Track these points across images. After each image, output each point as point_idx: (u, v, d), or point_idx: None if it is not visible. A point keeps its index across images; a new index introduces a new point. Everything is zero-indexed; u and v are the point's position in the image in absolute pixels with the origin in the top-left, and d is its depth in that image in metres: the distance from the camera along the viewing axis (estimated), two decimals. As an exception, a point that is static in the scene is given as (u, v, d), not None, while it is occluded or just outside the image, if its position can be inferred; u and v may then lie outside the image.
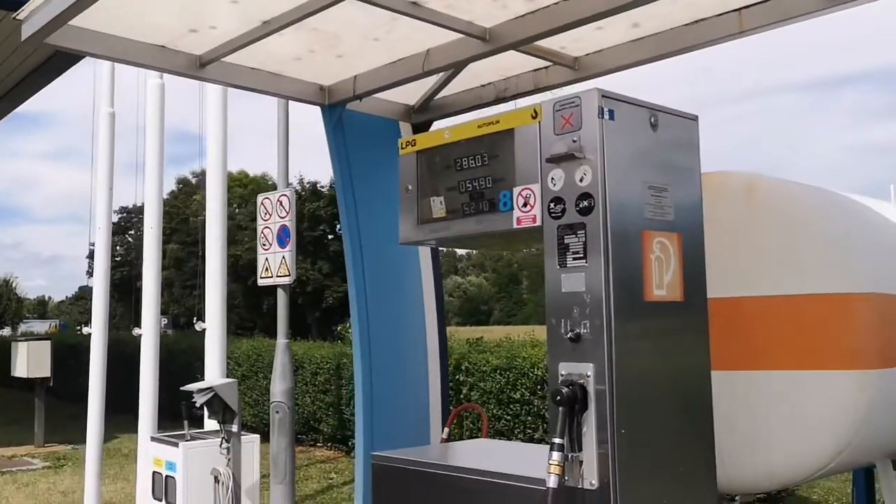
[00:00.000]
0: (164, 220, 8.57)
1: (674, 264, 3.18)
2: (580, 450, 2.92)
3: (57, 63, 11.02)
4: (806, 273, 3.88)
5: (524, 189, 3.20)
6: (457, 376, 9.88)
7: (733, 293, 4.00)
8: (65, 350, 18.04)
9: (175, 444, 5.90)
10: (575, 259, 3.00)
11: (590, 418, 2.91)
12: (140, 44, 4.57)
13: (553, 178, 3.09)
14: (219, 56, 4.71)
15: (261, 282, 7.51)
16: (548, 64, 4.99)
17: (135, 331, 8.14)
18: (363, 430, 5.32)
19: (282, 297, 7.67)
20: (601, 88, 3.03)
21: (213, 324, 7.72)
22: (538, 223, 3.15)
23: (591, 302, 2.94)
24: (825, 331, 3.81)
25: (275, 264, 7.35)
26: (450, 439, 5.41)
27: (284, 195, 7.36)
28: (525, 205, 3.19)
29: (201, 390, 5.50)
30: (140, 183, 9.00)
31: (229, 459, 5.57)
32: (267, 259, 7.42)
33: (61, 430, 14.19)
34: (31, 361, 13.81)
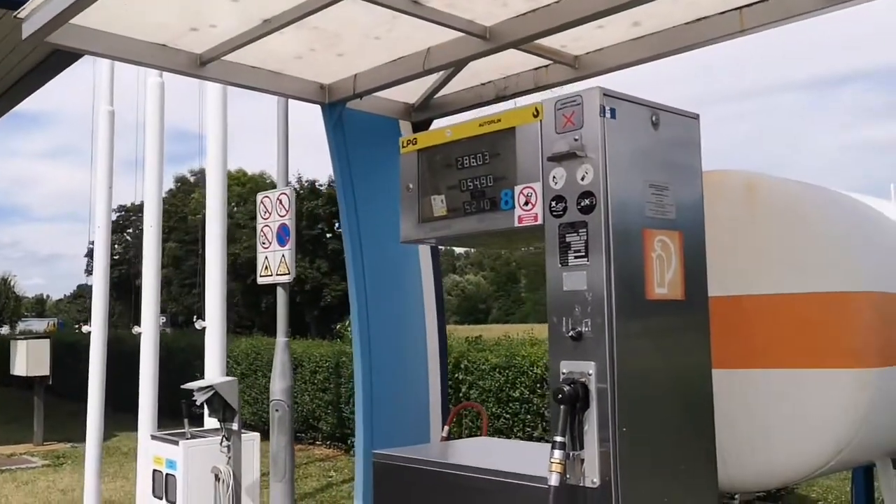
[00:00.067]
0: (162, 218, 8.56)
1: (675, 263, 3.18)
2: (581, 448, 2.92)
3: (56, 61, 11.00)
4: (806, 272, 3.88)
5: (526, 187, 3.20)
6: (456, 375, 9.88)
7: (733, 292, 4.00)
8: (63, 348, 18.03)
9: (175, 443, 5.91)
10: (576, 257, 3.00)
11: (591, 416, 2.91)
12: (140, 42, 4.57)
13: (554, 177, 3.10)
14: (219, 55, 4.71)
15: (260, 280, 7.52)
16: (548, 62, 4.99)
17: (134, 329, 8.14)
18: (363, 428, 5.32)
19: (281, 295, 7.68)
20: (603, 87, 3.04)
21: (213, 322, 7.72)
22: (540, 221, 3.15)
23: (593, 300, 2.95)
24: (825, 329, 3.82)
25: (274, 263, 7.36)
26: (449, 438, 5.42)
27: (284, 194, 7.37)
28: (526, 203, 3.19)
29: (202, 388, 5.50)
30: (139, 181, 9.02)
31: (230, 457, 5.58)
32: (266, 257, 7.42)
33: (60, 429, 14.19)
34: (31, 360, 13.80)
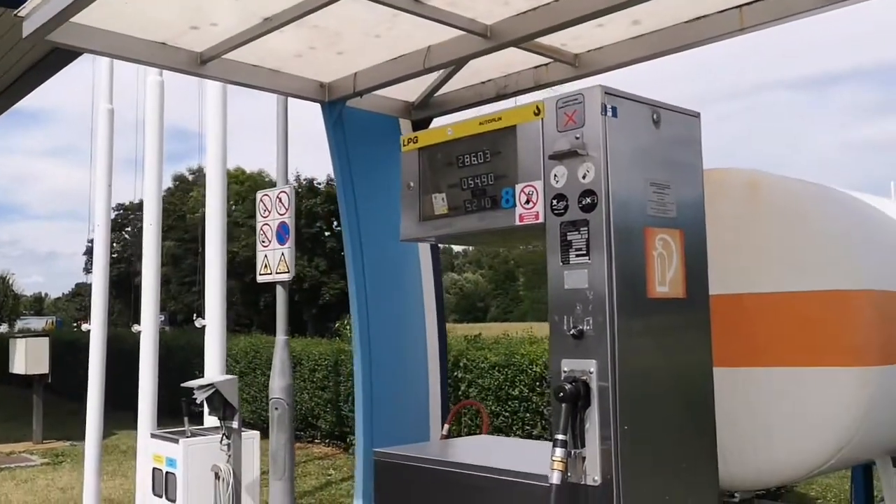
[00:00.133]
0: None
1: (676, 261, 3.19)
2: (583, 446, 2.93)
3: (55, 60, 11.00)
4: (807, 270, 3.88)
5: (527, 186, 3.20)
6: (455, 373, 9.88)
7: (735, 290, 4.00)
8: (62, 347, 18.02)
9: (175, 441, 5.92)
10: (578, 256, 3.00)
11: (592, 415, 2.92)
12: (141, 41, 4.57)
13: (556, 175, 3.10)
14: (219, 53, 4.71)
15: (260, 279, 7.51)
16: (548, 61, 4.99)
17: (134, 327, 8.13)
18: (363, 426, 5.32)
19: (281, 293, 7.67)
20: (604, 85, 3.04)
21: (212, 320, 7.71)
22: (541, 220, 3.15)
23: (594, 298, 2.95)
24: (826, 328, 3.82)
25: (274, 261, 7.35)
26: (449, 436, 5.42)
27: (284, 192, 7.36)
28: (528, 202, 3.19)
29: (202, 387, 5.50)
30: (138, 180, 9.00)
31: (230, 456, 5.58)
32: (266, 256, 7.41)
33: (59, 427, 14.19)
34: (30, 358, 13.79)
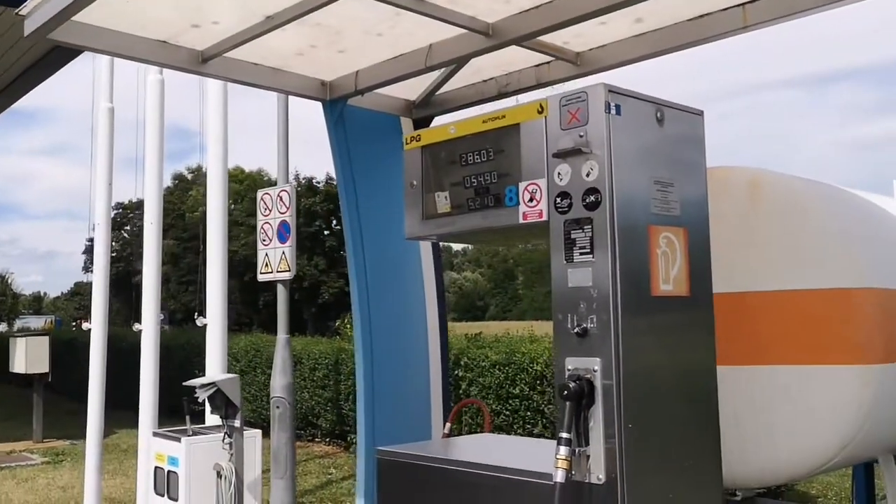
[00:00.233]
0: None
1: (680, 259, 3.18)
2: (587, 444, 2.92)
3: (55, 58, 10.99)
4: (810, 268, 3.88)
5: (530, 184, 3.19)
6: (456, 371, 9.88)
7: (737, 288, 4.00)
8: (61, 346, 18.00)
9: (177, 440, 5.91)
10: (582, 254, 3.00)
11: (597, 413, 2.91)
12: (142, 39, 4.56)
13: (559, 173, 3.09)
14: (221, 51, 4.70)
15: (261, 277, 7.52)
16: (550, 59, 4.98)
17: (135, 326, 8.12)
18: (365, 424, 5.32)
19: (282, 292, 7.68)
20: (608, 83, 3.03)
21: (214, 319, 7.70)
22: (544, 218, 3.14)
23: (598, 297, 2.94)
24: (829, 326, 3.82)
25: (275, 260, 7.36)
26: (451, 434, 5.41)
27: (284, 191, 7.36)
28: (531, 200, 3.19)
29: (204, 385, 5.50)
30: (137, 179, 9.00)
31: (232, 454, 5.58)
32: (267, 254, 7.42)
33: (59, 426, 14.18)
34: (30, 357, 13.77)
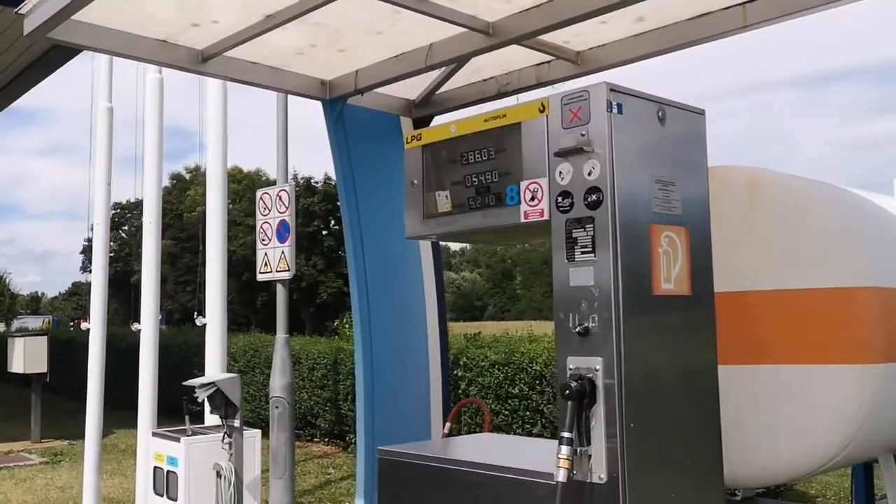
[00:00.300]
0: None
1: (681, 258, 3.18)
2: (589, 444, 2.91)
3: (53, 57, 10.97)
4: (811, 267, 3.88)
5: (532, 183, 3.19)
6: (455, 371, 9.87)
7: (738, 288, 4.00)
8: (59, 346, 17.97)
9: (177, 440, 5.91)
10: (583, 253, 2.99)
11: (598, 412, 2.91)
12: (142, 38, 4.56)
13: (561, 172, 3.08)
14: (220, 51, 4.70)
15: (260, 277, 7.50)
16: (550, 58, 4.98)
17: (134, 326, 8.11)
18: (364, 424, 5.31)
19: (281, 292, 7.67)
20: (609, 82, 3.02)
21: (213, 319, 7.69)
22: (546, 217, 3.13)
23: (600, 296, 2.94)
24: (830, 325, 3.81)
25: (274, 259, 7.35)
26: (451, 434, 5.41)
27: (284, 190, 7.35)
28: (532, 199, 3.18)
29: (203, 385, 5.50)
30: (135, 178, 8.98)
31: (231, 454, 5.57)
32: (266, 254, 7.41)
33: (57, 426, 14.16)
34: (28, 357, 13.75)
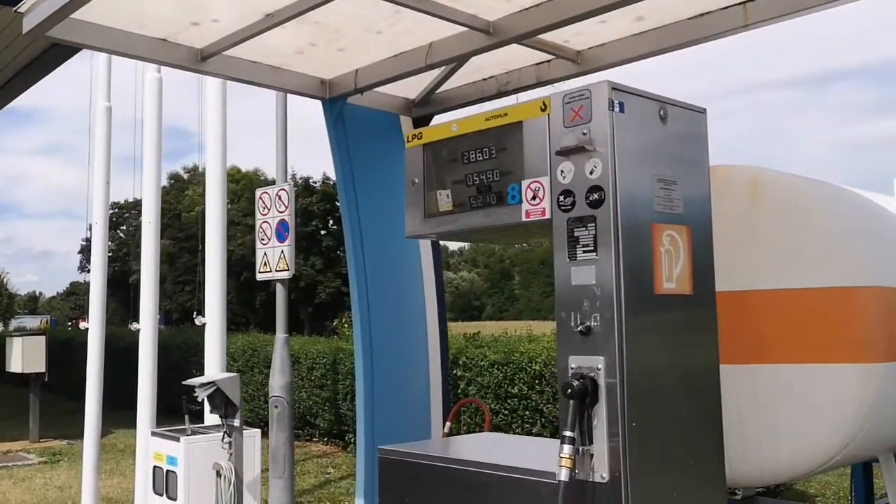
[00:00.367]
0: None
1: (683, 257, 3.18)
2: (591, 443, 2.91)
3: (52, 56, 10.94)
4: (811, 266, 3.87)
5: (533, 182, 3.18)
6: (454, 371, 9.86)
7: (738, 287, 3.99)
8: (56, 346, 17.96)
9: (176, 439, 5.90)
10: (585, 252, 2.99)
11: (600, 411, 2.90)
12: (141, 37, 4.55)
13: (563, 171, 3.08)
14: (220, 49, 4.69)
15: (260, 276, 7.49)
16: (550, 57, 4.98)
17: (133, 325, 8.10)
18: (364, 424, 5.31)
19: (280, 291, 7.65)
20: (611, 81, 3.02)
21: (213, 318, 7.68)
22: (547, 216, 3.13)
23: (602, 295, 2.93)
24: (831, 324, 3.81)
25: (273, 259, 7.33)
26: (451, 434, 5.41)
27: (283, 189, 7.34)
28: (534, 198, 3.18)
29: (203, 384, 5.49)
30: (134, 178, 8.96)
31: (231, 454, 5.56)
32: (265, 254, 7.40)
33: (56, 426, 14.16)
34: (27, 356, 13.73)
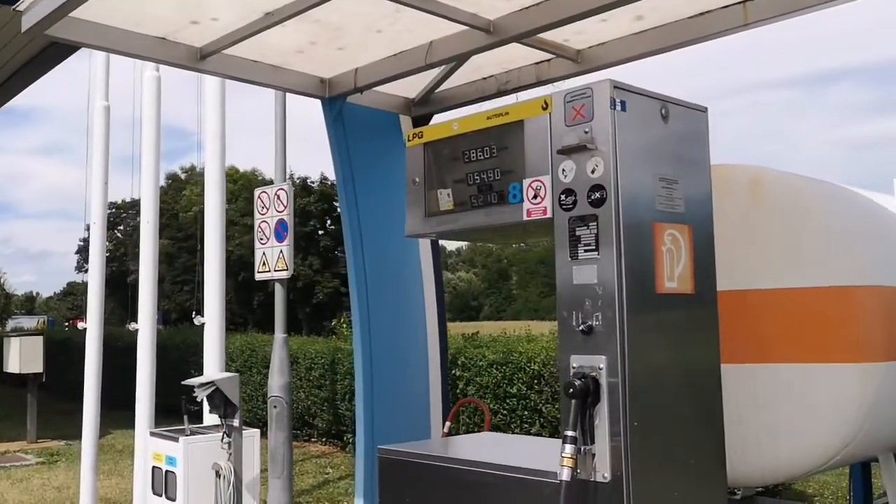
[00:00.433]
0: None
1: (684, 257, 3.17)
2: (592, 442, 2.90)
3: (50, 55, 10.92)
4: (811, 266, 3.87)
5: (535, 181, 3.18)
6: (453, 371, 9.86)
7: (739, 286, 3.99)
8: (54, 346, 17.92)
9: (175, 439, 5.89)
10: (587, 251, 2.98)
11: (602, 411, 2.90)
12: (140, 35, 4.54)
13: (564, 170, 3.07)
14: (219, 48, 4.68)
15: (258, 276, 7.48)
16: (550, 56, 4.97)
17: (131, 325, 8.09)
18: (364, 424, 5.30)
19: (279, 291, 7.64)
20: (613, 79, 3.01)
21: (211, 318, 7.67)
22: (549, 215, 3.12)
23: (604, 294, 2.92)
24: (830, 324, 3.80)
25: (272, 258, 7.32)
26: (450, 433, 5.40)
27: (282, 189, 7.33)
28: (535, 197, 3.17)
29: (202, 384, 5.47)
30: (131, 178, 8.95)
31: (230, 454, 5.55)
32: (264, 253, 7.39)
33: (53, 426, 14.14)
34: (24, 357, 13.71)
